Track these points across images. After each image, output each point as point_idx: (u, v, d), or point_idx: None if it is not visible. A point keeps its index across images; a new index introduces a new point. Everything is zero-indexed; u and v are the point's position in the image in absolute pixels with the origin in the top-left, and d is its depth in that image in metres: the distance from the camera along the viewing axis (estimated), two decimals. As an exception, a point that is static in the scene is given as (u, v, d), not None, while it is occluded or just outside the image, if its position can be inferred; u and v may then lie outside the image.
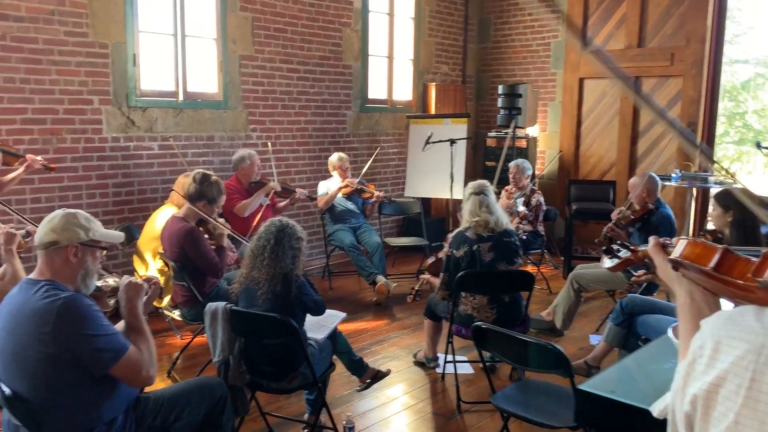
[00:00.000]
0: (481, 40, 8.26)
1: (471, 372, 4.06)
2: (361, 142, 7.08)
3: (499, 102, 7.16)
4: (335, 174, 5.95)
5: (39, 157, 4.23)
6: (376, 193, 5.93)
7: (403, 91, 7.58)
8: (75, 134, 4.94)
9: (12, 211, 3.61)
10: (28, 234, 3.04)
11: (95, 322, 2.07)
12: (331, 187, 5.91)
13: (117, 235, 2.38)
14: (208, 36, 5.72)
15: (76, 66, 4.88)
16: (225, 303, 2.88)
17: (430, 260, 4.20)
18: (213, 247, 3.83)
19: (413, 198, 6.79)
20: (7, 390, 2.05)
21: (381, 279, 5.53)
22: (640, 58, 6.85)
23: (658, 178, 4.60)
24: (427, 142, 5.96)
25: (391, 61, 7.37)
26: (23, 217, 3.48)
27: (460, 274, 3.45)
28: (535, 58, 7.77)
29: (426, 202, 7.26)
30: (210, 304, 2.90)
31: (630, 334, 3.48)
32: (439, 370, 4.06)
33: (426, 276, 4.11)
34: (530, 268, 5.91)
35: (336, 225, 5.91)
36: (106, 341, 2.07)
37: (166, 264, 3.99)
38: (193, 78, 5.66)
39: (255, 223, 4.88)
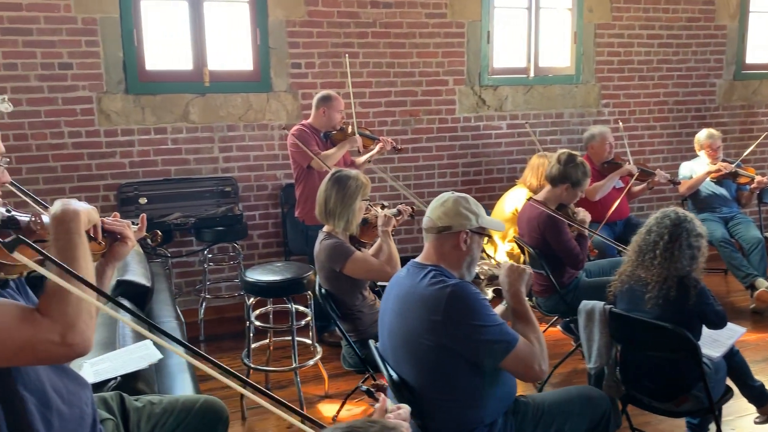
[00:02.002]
0: None
1: None
2: (732, 116, 6.00)
3: None
4: (702, 154, 5.10)
5: (390, 139, 4.41)
6: (758, 178, 4.91)
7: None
8: (431, 115, 5.07)
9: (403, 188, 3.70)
10: (399, 212, 3.09)
11: (484, 312, 1.92)
12: (696, 169, 5.09)
13: (499, 224, 2.21)
14: (563, 6, 5.36)
15: (434, 47, 4.98)
16: (603, 303, 2.53)
17: None
18: (573, 235, 3.50)
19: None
20: (394, 374, 2.01)
21: (763, 283, 4.57)
22: None
23: None
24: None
25: (778, 17, 6.07)
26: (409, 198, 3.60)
27: None
28: None
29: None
30: (586, 302, 2.57)
31: None
32: None
33: None
34: None
35: (702, 214, 5.06)
36: (496, 332, 1.91)
37: (522, 249, 3.80)
38: (544, 53, 5.37)
39: (612, 209, 4.40)
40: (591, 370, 2.55)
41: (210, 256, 4.46)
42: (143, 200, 4.31)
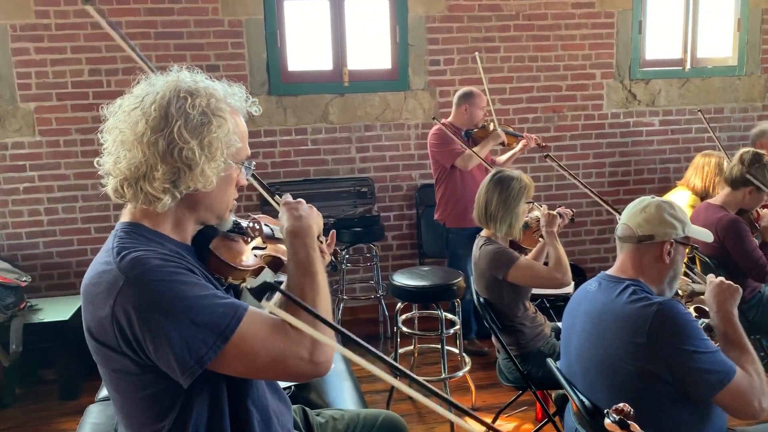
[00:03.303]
0: None
1: None
2: None
3: None
4: None
5: (534, 136, 4.14)
6: None
7: None
8: (575, 111, 4.75)
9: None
10: (560, 215, 2.85)
11: (696, 336, 1.66)
12: None
13: (707, 234, 1.93)
14: (725, -10, 4.87)
15: (581, 39, 4.66)
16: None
17: None
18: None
19: None
20: (587, 401, 1.80)
21: None
22: None
23: None
24: None
25: None
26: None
27: None
28: None
29: None
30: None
31: None
32: None
33: None
34: None
35: None
36: (710, 360, 1.64)
37: (692, 257, 3.43)
38: (703, 42, 4.89)
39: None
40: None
41: (347, 256, 4.41)
42: (284, 200, 4.32)
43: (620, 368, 1.72)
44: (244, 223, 1.49)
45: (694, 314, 1.97)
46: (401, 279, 3.18)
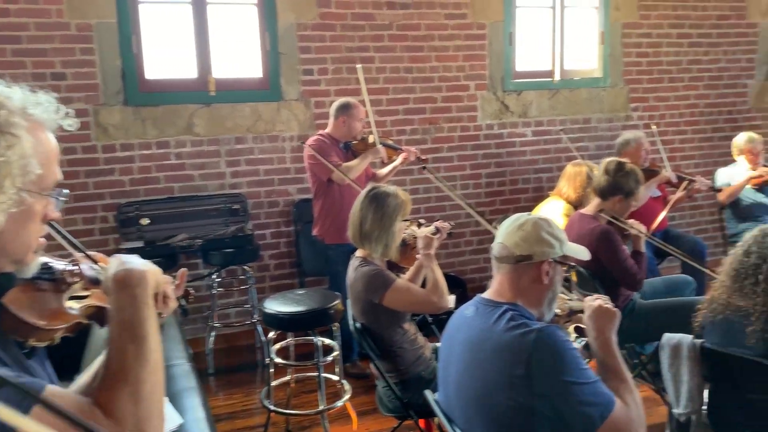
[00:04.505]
0: None
1: None
2: (765, 119, 5.68)
3: None
4: (741, 159, 4.77)
5: (414, 149, 4.06)
6: (805, 184, 4.59)
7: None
8: (451, 123, 4.72)
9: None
10: (437, 230, 2.73)
11: (576, 366, 1.56)
12: (734, 176, 4.76)
13: (584, 252, 1.85)
14: (589, 5, 5.03)
15: (454, 50, 4.64)
16: (691, 337, 2.17)
17: None
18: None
19: None
20: (467, 439, 1.65)
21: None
22: None
23: None
24: None
25: (811, 14, 5.76)
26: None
27: None
28: None
29: None
30: (670, 335, 2.22)
31: None
32: None
33: None
34: None
35: (743, 224, 4.71)
36: (589, 392, 1.55)
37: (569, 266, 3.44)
38: (570, 55, 5.04)
39: (657, 221, 4.08)
40: (680, 417, 2.18)
41: (219, 280, 4.09)
42: (145, 221, 3.94)
43: (498, 402, 1.58)
44: (58, 265, 1.17)
45: (573, 335, 1.89)
46: (273, 305, 2.93)
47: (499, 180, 4.93)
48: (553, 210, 4.03)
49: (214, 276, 4.04)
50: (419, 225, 2.84)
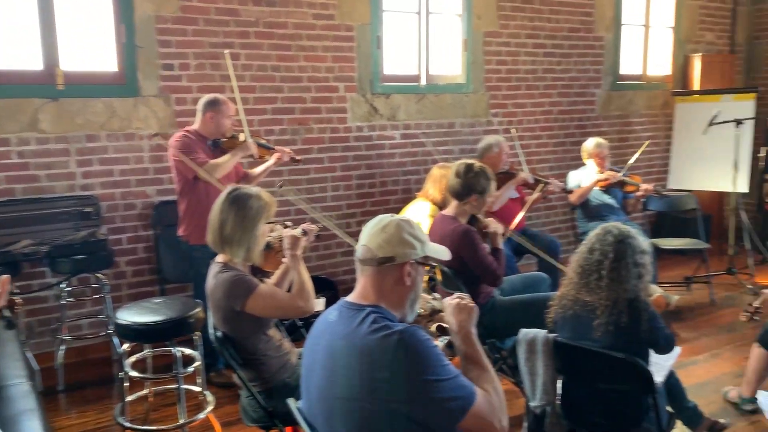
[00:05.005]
0: (755, 0, 6.87)
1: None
2: (611, 126, 6.17)
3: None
4: (590, 163, 5.13)
5: (288, 149, 3.98)
6: (643, 186, 5.02)
7: (660, 65, 6.50)
8: (321, 124, 4.68)
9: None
10: (305, 233, 2.68)
11: (438, 363, 1.57)
12: (584, 178, 5.12)
13: (445, 251, 1.87)
14: (452, 12, 5.20)
15: (323, 51, 4.61)
16: (545, 332, 2.28)
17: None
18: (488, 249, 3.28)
19: (687, 191, 5.68)
20: (329, 447, 1.61)
21: (656, 290, 4.63)
22: None
23: None
24: (711, 123, 4.92)
25: (647, 30, 6.33)
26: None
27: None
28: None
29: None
30: (526, 331, 2.31)
31: None
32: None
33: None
34: None
35: (591, 223, 5.07)
36: (451, 387, 1.56)
37: (430, 266, 3.51)
38: (436, 60, 5.18)
39: (516, 221, 4.28)
40: (535, 409, 2.28)
41: (69, 289, 3.77)
42: (-20, 226, 3.55)
43: (362, 407, 1.56)
44: None
45: (436, 333, 1.91)
46: (127, 316, 2.73)
47: (369, 182, 4.95)
48: (420, 211, 4.12)
49: (63, 285, 3.72)
50: (285, 227, 2.77)
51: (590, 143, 5.12)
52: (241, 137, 3.75)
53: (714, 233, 6.17)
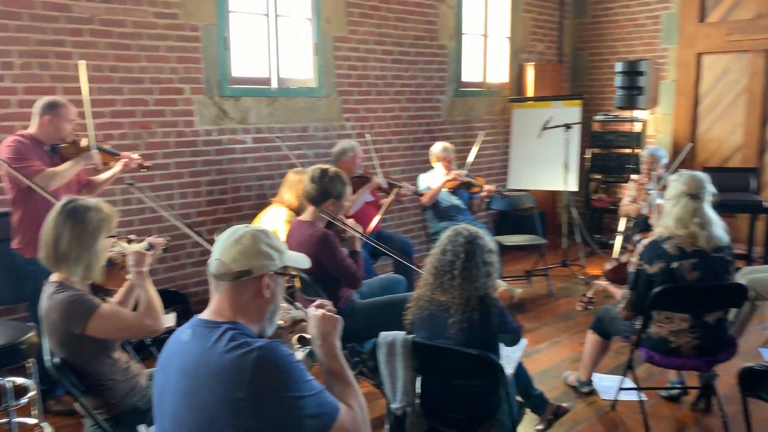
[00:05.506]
0: (577, 14, 7.54)
1: (642, 400, 3.42)
2: (456, 130, 6.46)
3: (617, 81, 6.46)
4: (438, 166, 5.35)
5: (135, 155, 3.74)
6: (486, 187, 5.31)
7: (498, 73, 6.93)
8: (166, 127, 4.45)
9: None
10: (151, 246, 2.53)
11: (300, 379, 1.54)
12: (432, 181, 5.33)
13: (304, 259, 1.84)
14: (302, 15, 5.16)
15: (166, 51, 4.38)
16: (404, 333, 2.32)
17: (609, 265, 3.58)
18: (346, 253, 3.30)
19: (525, 191, 6.10)
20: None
21: (501, 284, 4.93)
22: (772, 28, 6.09)
23: None
24: (545, 128, 5.32)
25: (486, 40, 6.72)
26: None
27: (657, 289, 2.81)
28: (642, 32, 7.01)
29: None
30: (385, 334, 2.34)
31: None
32: (606, 397, 3.46)
33: (603, 283, 3.47)
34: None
35: (442, 223, 5.30)
36: (314, 404, 1.53)
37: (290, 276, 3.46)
38: (286, 64, 5.12)
39: (373, 224, 4.34)
40: (396, 410, 2.32)
41: None
42: None
43: (221, 430, 1.49)
44: None
45: (296, 345, 1.88)
46: (-57, 346, 2.41)
47: (220, 188, 4.78)
48: (276, 217, 4.05)
49: None
50: (129, 241, 2.59)
51: (437, 147, 5.33)
52: (83, 142, 3.47)
53: (549, 229, 6.69)
